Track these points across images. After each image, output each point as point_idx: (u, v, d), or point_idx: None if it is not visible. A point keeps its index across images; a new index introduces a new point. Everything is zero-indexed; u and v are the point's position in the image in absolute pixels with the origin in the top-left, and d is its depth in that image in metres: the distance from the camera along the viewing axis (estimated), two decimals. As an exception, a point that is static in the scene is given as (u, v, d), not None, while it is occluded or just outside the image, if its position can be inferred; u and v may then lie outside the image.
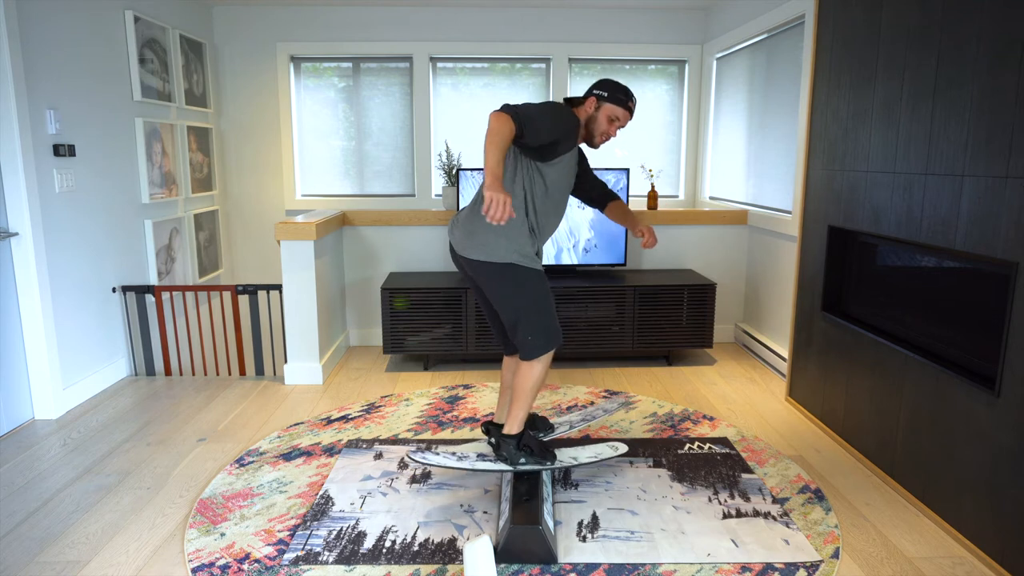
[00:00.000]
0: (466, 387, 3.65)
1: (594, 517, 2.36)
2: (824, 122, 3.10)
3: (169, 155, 4.35)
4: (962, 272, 2.31)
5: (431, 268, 4.45)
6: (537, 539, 2.08)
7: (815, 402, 3.20)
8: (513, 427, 2.40)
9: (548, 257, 4.14)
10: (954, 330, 2.35)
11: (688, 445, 2.92)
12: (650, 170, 4.92)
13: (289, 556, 2.14)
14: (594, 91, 2.41)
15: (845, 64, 2.92)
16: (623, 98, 2.39)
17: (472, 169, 4.04)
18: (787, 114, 3.88)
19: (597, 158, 5.33)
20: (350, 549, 2.17)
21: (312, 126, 5.26)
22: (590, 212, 4.10)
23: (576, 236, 4.12)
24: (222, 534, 2.26)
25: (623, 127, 2.41)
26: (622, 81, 5.31)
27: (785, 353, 3.82)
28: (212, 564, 2.09)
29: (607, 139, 2.43)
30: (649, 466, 2.74)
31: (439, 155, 4.85)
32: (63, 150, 3.30)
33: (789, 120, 3.85)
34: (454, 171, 4.47)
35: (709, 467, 2.73)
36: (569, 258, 4.13)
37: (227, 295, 5.15)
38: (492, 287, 2.35)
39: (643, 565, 2.09)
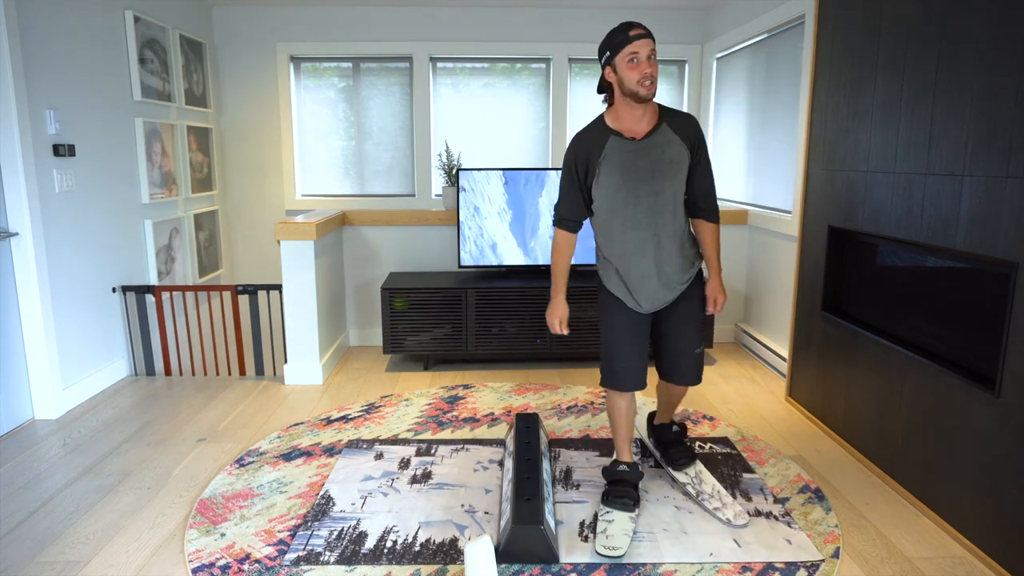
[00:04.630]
0: (466, 387, 3.65)
1: (596, 517, 2.36)
2: (824, 122, 3.10)
3: (169, 155, 4.34)
4: (962, 272, 2.31)
5: (431, 268, 4.45)
6: (538, 539, 2.08)
7: (815, 402, 3.20)
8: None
9: (542, 244, 4.14)
10: (954, 330, 2.36)
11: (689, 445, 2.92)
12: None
13: (290, 556, 2.13)
14: (601, 62, 2.19)
15: (845, 64, 2.92)
16: (621, 38, 2.10)
17: (472, 169, 4.04)
18: (787, 114, 3.88)
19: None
20: (351, 549, 2.17)
21: (312, 126, 5.26)
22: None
23: None
24: (222, 534, 2.26)
25: (652, 56, 2.08)
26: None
27: (785, 353, 3.82)
28: (212, 564, 2.09)
29: (646, 81, 2.09)
30: (650, 466, 2.74)
31: (439, 155, 4.86)
32: (63, 150, 3.30)
33: (789, 120, 3.85)
34: (454, 171, 4.47)
35: (710, 467, 2.73)
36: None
37: (227, 295, 5.15)
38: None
39: (644, 565, 2.09)
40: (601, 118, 2.26)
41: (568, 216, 2.32)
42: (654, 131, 2.20)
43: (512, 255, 4.12)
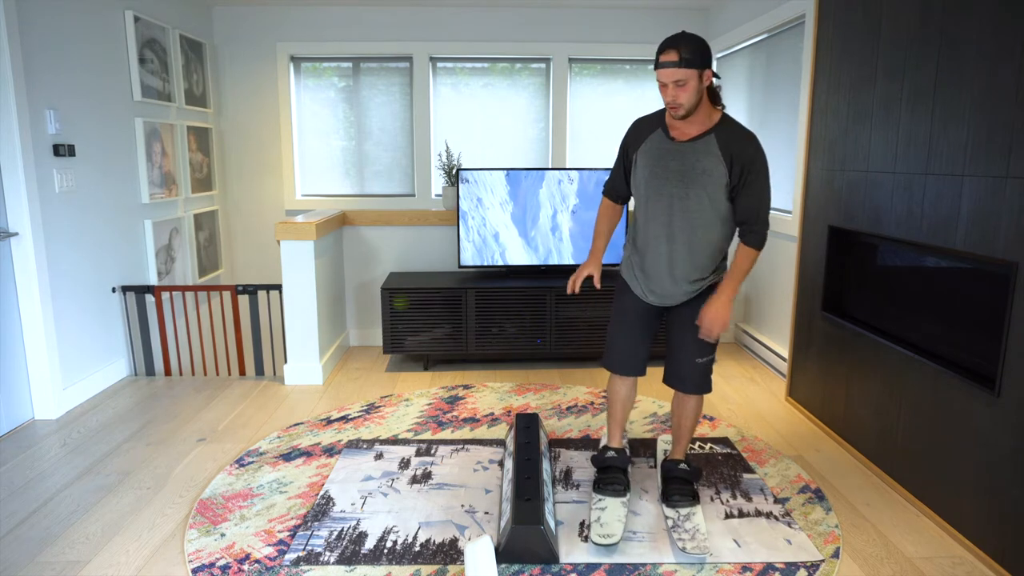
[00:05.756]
0: (466, 387, 3.65)
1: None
2: (824, 122, 3.10)
3: (169, 155, 4.34)
4: (962, 272, 2.31)
5: (431, 268, 4.45)
6: (538, 539, 2.08)
7: (815, 402, 3.20)
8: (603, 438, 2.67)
9: (543, 233, 4.14)
10: (954, 330, 2.36)
11: (689, 445, 2.92)
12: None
13: (290, 556, 2.13)
14: None
15: (845, 64, 2.92)
16: (656, 60, 2.12)
17: (472, 169, 4.04)
18: (787, 114, 3.88)
19: (599, 158, 5.33)
20: (351, 549, 2.17)
21: (312, 126, 5.26)
22: (577, 185, 4.10)
23: (567, 202, 4.12)
24: (222, 534, 2.26)
25: (680, 82, 2.07)
26: (623, 75, 5.31)
27: (785, 353, 3.82)
28: (212, 564, 2.09)
29: (674, 107, 2.12)
30: (651, 467, 2.74)
31: (439, 155, 4.86)
32: (63, 150, 3.30)
33: (789, 120, 3.85)
34: (454, 171, 4.47)
35: (710, 467, 2.73)
36: (566, 220, 4.12)
37: (227, 295, 5.15)
38: None
39: (644, 565, 2.09)
40: (664, 109, 2.27)
41: (610, 186, 2.48)
42: (699, 138, 2.19)
43: (514, 245, 4.12)
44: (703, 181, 2.18)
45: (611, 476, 2.42)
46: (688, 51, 2.06)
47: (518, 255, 4.14)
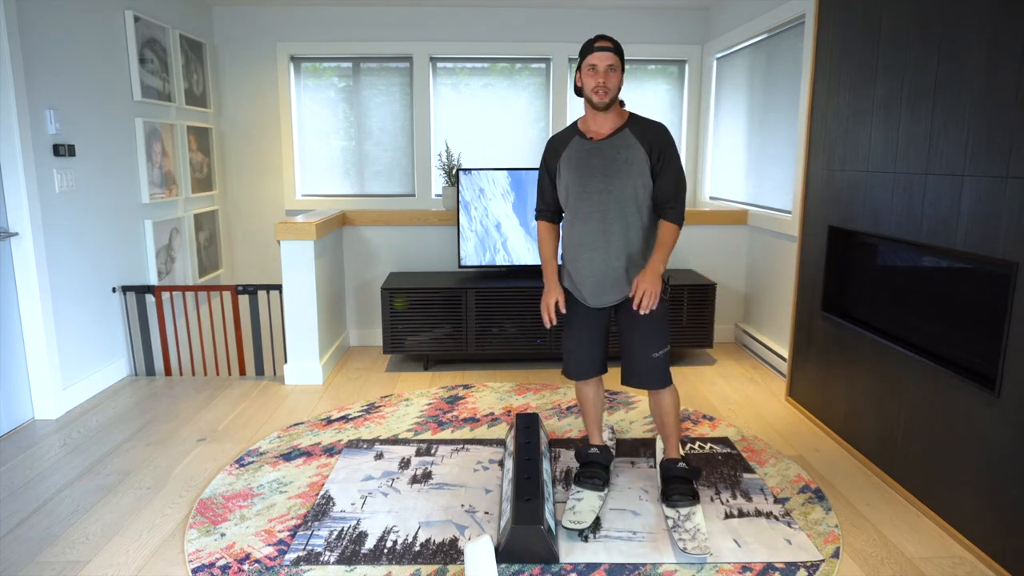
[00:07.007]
0: (466, 387, 3.65)
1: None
2: (824, 122, 3.10)
3: (169, 155, 4.34)
4: (962, 272, 2.31)
5: (431, 268, 4.45)
6: (538, 539, 2.08)
7: (815, 402, 3.20)
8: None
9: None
10: (954, 330, 2.36)
11: (689, 445, 2.92)
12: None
13: (290, 556, 2.13)
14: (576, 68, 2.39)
15: (845, 64, 2.92)
16: (586, 48, 2.28)
17: (472, 169, 4.04)
18: (787, 114, 3.88)
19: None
20: (351, 549, 2.17)
21: (312, 126, 5.26)
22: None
23: None
24: (222, 534, 2.26)
25: (613, 67, 2.24)
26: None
27: (785, 353, 3.82)
28: (212, 564, 2.09)
29: (599, 90, 2.25)
30: (651, 466, 2.74)
31: (439, 155, 4.86)
32: (63, 150, 3.30)
33: (789, 120, 3.85)
34: (454, 171, 4.47)
35: (710, 467, 2.73)
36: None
37: (227, 295, 5.15)
38: None
39: (644, 565, 2.09)
40: (576, 121, 2.45)
41: (542, 206, 2.54)
42: (614, 134, 2.35)
43: (515, 236, 4.12)
44: (627, 170, 2.31)
45: (591, 471, 2.51)
46: (616, 44, 2.28)
47: (519, 246, 4.13)
